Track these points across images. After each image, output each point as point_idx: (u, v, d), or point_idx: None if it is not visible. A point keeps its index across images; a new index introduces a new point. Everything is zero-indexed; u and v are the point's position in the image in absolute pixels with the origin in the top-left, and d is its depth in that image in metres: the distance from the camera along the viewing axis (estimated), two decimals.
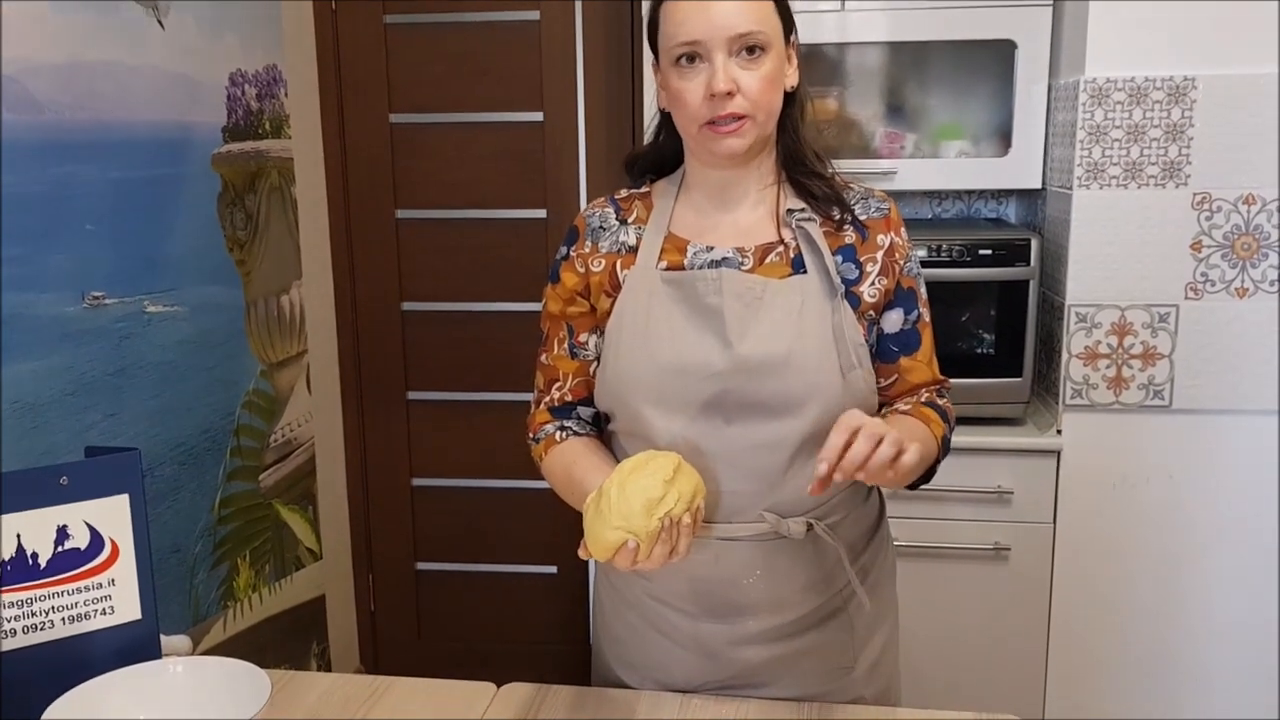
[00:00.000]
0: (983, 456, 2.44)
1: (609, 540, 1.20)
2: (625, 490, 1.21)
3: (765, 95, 1.32)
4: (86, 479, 1.31)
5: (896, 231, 1.43)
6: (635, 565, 1.21)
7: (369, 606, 3.24)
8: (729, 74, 1.29)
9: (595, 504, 1.23)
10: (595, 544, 1.22)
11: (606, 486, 1.23)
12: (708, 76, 1.30)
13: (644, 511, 1.19)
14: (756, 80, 1.31)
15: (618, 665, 1.55)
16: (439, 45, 2.94)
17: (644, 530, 1.19)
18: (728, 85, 1.29)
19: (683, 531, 1.22)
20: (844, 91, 2.80)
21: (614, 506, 1.20)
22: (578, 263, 1.45)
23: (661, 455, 1.26)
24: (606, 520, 1.20)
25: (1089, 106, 2.34)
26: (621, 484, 1.22)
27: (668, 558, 1.22)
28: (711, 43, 1.29)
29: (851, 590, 1.44)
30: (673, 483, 1.22)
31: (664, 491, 1.21)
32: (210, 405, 2.37)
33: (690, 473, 1.26)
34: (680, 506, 1.21)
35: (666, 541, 1.21)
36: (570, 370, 1.48)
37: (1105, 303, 2.40)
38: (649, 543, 1.20)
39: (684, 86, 1.33)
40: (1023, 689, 2.54)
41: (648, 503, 1.20)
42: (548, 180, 2.97)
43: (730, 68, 1.30)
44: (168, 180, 2.23)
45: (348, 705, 1.45)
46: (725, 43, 1.29)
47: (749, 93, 1.31)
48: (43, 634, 1.29)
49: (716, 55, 1.29)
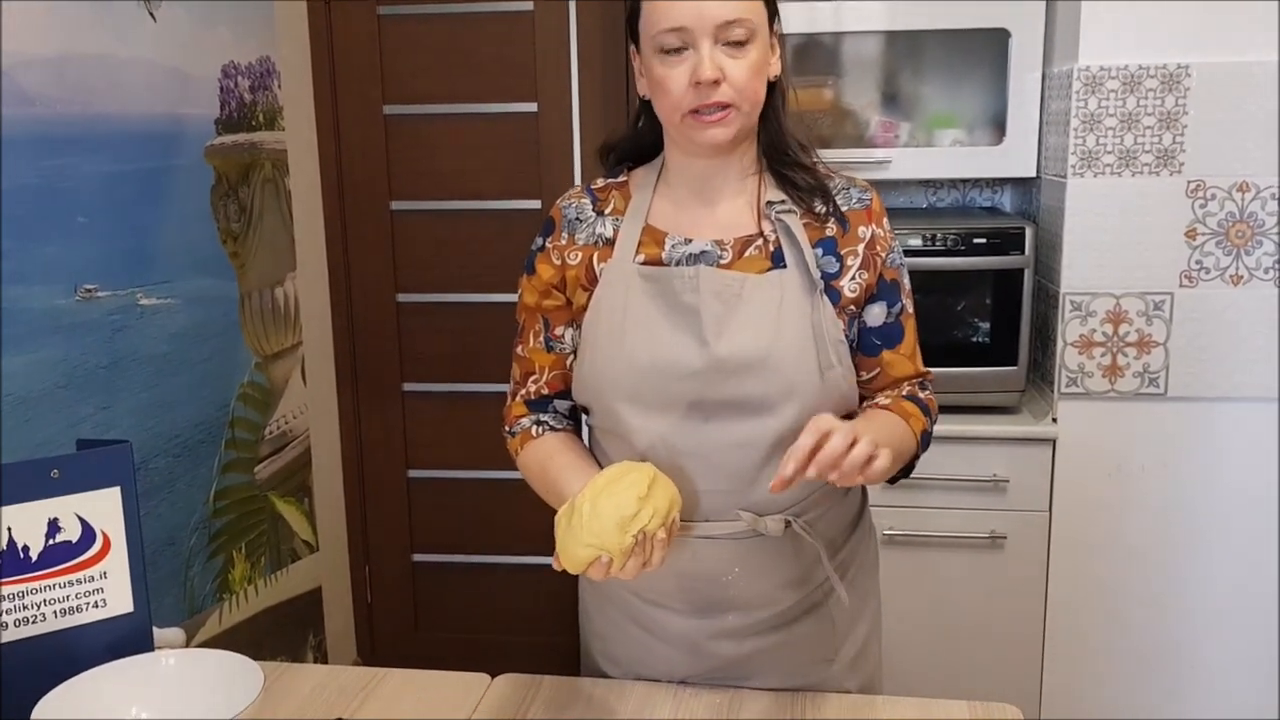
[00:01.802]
0: (978, 445, 2.44)
1: (580, 556, 1.19)
2: (598, 507, 1.19)
3: (751, 84, 1.30)
4: (78, 471, 1.31)
5: (878, 223, 1.41)
6: (609, 576, 1.20)
7: (365, 598, 3.24)
8: (715, 62, 1.27)
9: (567, 518, 1.22)
10: (567, 558, 1.21)
11: (579, 502, 1.21)
12: (693, 64, 1.28)
13: (617, 529, 1.18)
14: (743, 69, 1.29)
15: (601, 659, 1.55)
16: (433, 36, 2.93)
17: (617, 547, 1.18)
18: (714, 74, 1.27)
19: (656, 545, 1.21)
20: (839, 81, 2.79)
21: (585, 524, 1.19)
22: (553, 255, 1.43)
23: (636, 469, 1.24)
24: (578, 537, 1.19)
25: (1083, 95, 2.33)
26: (594, 500, 1.20)
27: (641, 569, 1.21)
28: (698, 30, 1.27)
29: (831, 585, 1.44)
30: (647, 499, 1.20)
31: (638, 508, 1.19)
32: (205, 398, 2.37)
33: (666, 485, 1.24)
34: (655, 523, 1.20)
35: (640, 555, 1.20)
36: (546, 364, 1.47)
37: (1100, 291, 2.40)
38: (622, 558, 1.19)
39: (668, 74, 1.31)
40: (1018, 677, 2.54)
41: (621, 520, 1.18)
42: (542, 171, 2.96)
43: (716, 56, 1.28)
44: (160, 173, 2.22)
45: (343, 696, 1.45)
46: (712, 31, 1.27)
47: (735, 82, 1.29)
48: (34, 627, 1.28)
49: (703, 43, 1.28)
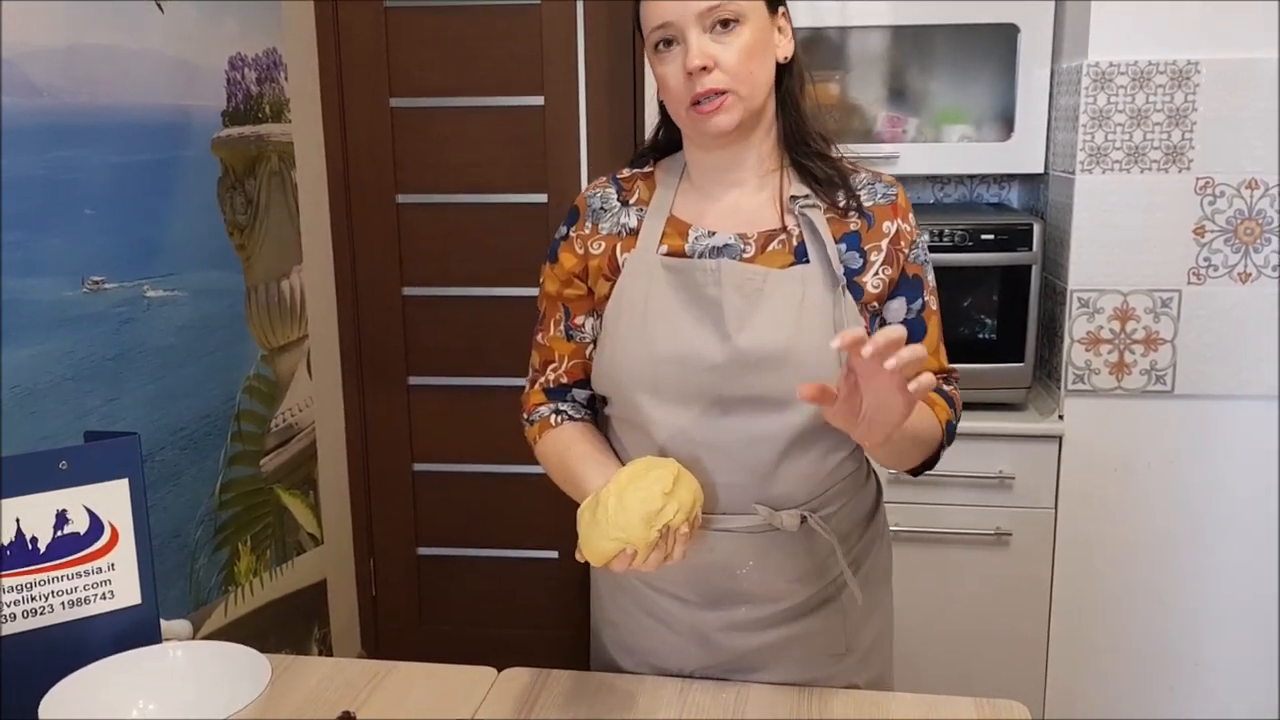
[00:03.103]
0: (984, 441, 2.44)
1: (605, 550, 1.21)
2: (624, 501, 1.20)
3: (744, 66, 1.29)
4: (86, 463, 1.31)
5: (904, 218, 1.40)
6: (630, 568, 1.21)
7: (370, 591, 3.24)
8: (703, 49, 1.27)
9: (591, 512, 1.23)
10: (591, 551, 1.22)
11: (604, 496, 1.22)
12: (684, 56, 1.29)
13: (643, 523, 1.19)
14: (733, 52, 1.28)
15: (614, 649, 1.55)
16: (439, 29, 2.93)
17: (642, 541, 1.19)
18: (702, 60, 1.27)
19: (679, 539, 1.22)
20: (846, 76, 2.78)
21: (611, 518, 1.20)
22: (577, 244, 1.44)
23: (660, 464, 1.25)
24: (604, 530, 1.20)
25: (1092, 91, 2.33)
26: (620, 494, 1.21)
27: (662, 562, 1.22)
28: (682, 21, 1.28)
29: (844, 580, 1.44)
30: (672, 494, 1.22)
31: (663, 504, 1.20)
32: (211, 390, 2.37)
33: (689, 482, 1.25)
34: (680, 518, 1.21)
35: (662, 549, 1.22)
36: (566, 352, 1.47)
37: (1108, 288, 2.39)
38: (646, 551, 1.20)
39: (665, 71, 1.31)
40: (1023, 674, 2.54)
41: (647, 515, 1.19)
42: (549, 165, 2.96)
43: (704, 43, 1.28)
44: (167, 164, 2.22)
45: (349, 689, 1.45)
46: (696, 19, 1.27)
47: (726, 65, 1.28)
48: (42, 619, 1.29)
49: (690, 33, 1.28)
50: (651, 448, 1.36)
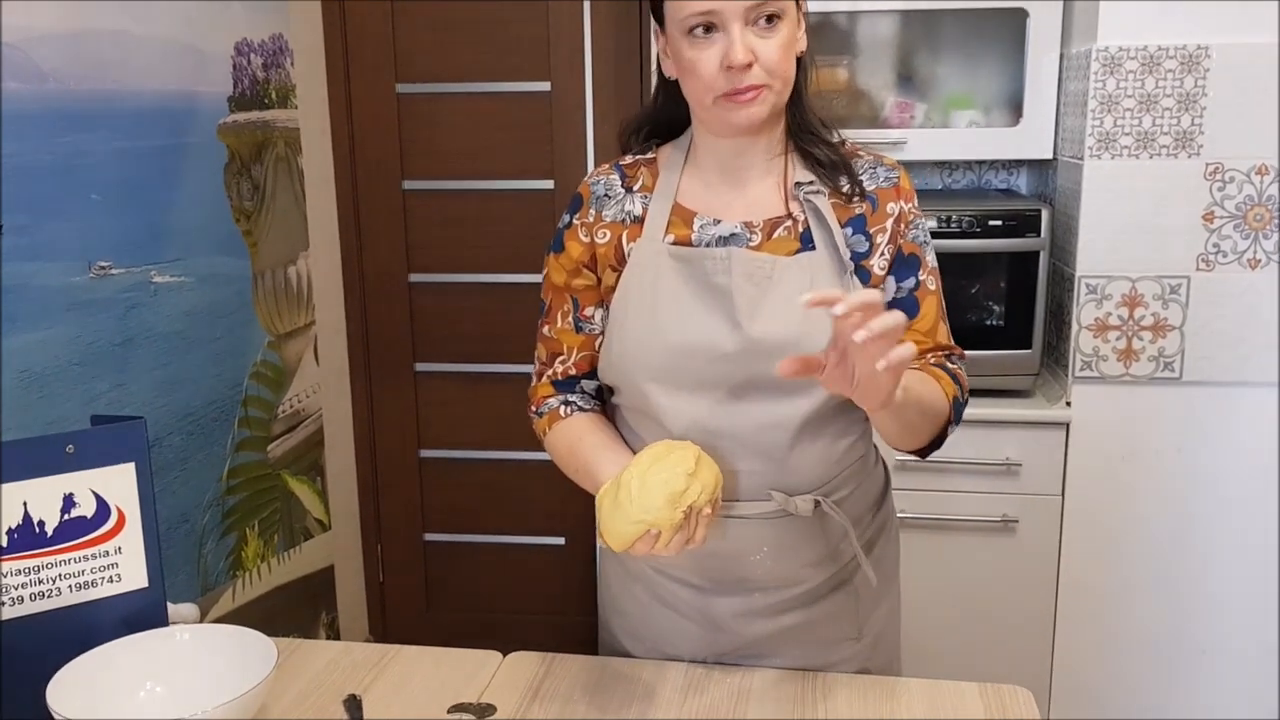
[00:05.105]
0: (991, 428, 2.44)
1: (628, 533, 1.20)
2: (646, 483, 1.20)
3: (783, 64, 1.28)
4: (93, 447, 1.31)
5: (907, 200, 1.40)
6: (653, 551, 1.21)
7: (377, 577, 3.25)
8: (747, 44, 1.25)
9: (613, 495, 1.23)
10: (612, 536, 1.22)
11: (626, 479, 1.22)
12: (723, 47, 1.26)
13: (668, 504, 1.19)
14: (775, 49, 1.27)
15: (624, 636, 1.55)
16: (446, 14, 2.92)
17: (667, 522, 1.19)
18: (747, 57, 1.25)
19: (702, 521, 1.22)
20: (854, 61, 2.77)
21: (635, 499, 1.20)
22: (582, 231, 1.43)
23: (680, 446, 1.25)
24: (626, 513, 1.20)
25: (1101, 76, 2.31)
26: (642, 476, 1.21)
27: (684, 545, 1.22)
28: (728, 12, 1.25)
29: (857, 563, 1.44)
30: (695, 475, 1.22)
31: (687, 484, 1.20)
32: (218, 376, 2.38)
33: (710, 464, 1.25)
34: (704, 498, 1.22)
35: (685, 531, 1.21)
36: (575, 344, 1.47)
37: (1116, 274, 2.38)
38: (670, 533, 1.20)
39: (698, 57, 1.28)
40: (1030, 660, 2.54)
41: (671, 495, 1.19)
42: (555, 151, 2.95)
43: (748, 37, 1.25)
44: (174, 150, 2.22)
45: (356, 672, 1.46)
46: (742, 12, 1.25)
47: (767, 62, 1.27)
48: (49, 601, 1.29)
49: (733, 25, 1.25)
50: (665, 437, 1.35)
